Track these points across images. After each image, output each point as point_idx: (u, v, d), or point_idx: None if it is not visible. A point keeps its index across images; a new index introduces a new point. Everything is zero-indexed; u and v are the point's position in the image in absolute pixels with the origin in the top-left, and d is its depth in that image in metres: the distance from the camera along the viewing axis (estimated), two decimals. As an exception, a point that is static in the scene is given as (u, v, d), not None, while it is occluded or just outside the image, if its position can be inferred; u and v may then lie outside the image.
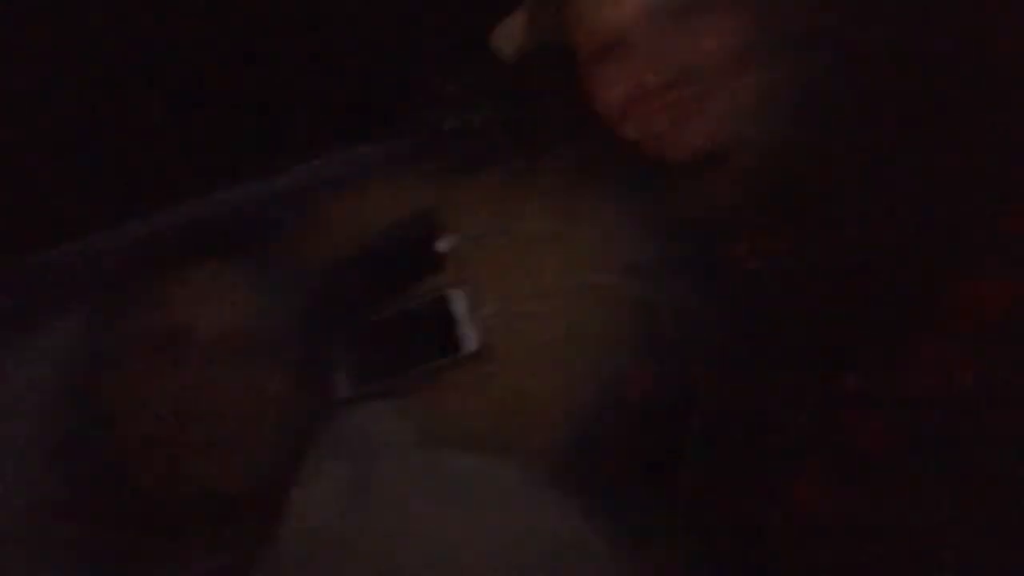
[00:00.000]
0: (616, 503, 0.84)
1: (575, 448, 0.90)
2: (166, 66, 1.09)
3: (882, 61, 0.82)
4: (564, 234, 0.93)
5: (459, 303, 0.92)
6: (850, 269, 0.81)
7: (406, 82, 1.06)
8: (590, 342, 0.92)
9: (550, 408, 0.91)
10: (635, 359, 0.95)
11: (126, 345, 0.85)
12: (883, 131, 0.81)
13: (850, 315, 0.80)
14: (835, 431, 0.78)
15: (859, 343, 0.79)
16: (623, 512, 0.83)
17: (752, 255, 0.89)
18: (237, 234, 0.96)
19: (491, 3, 1.01)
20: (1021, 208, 0.76)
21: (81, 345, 0.88)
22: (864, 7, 0.83)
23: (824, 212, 0.83)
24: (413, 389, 0.93)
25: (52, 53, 1.01)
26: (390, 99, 1.08)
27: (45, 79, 1.01)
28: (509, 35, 0.98)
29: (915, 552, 0.73)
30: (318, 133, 1.12)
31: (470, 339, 0.91)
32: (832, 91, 0.81)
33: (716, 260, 0.91)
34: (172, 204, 1.02)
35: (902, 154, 0.79)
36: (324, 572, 0.79)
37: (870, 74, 0.81)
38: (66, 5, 1.02)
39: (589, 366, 0.92)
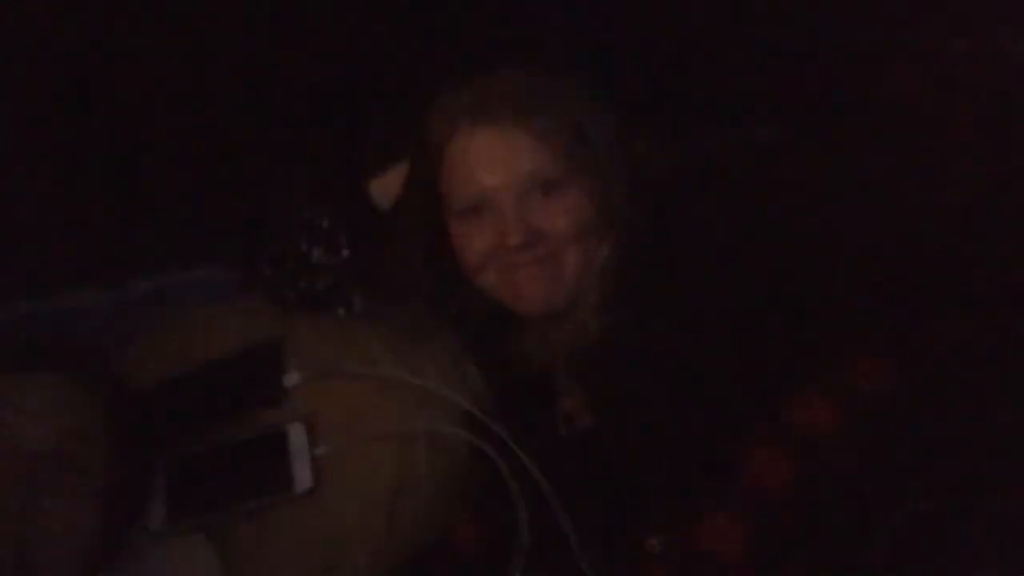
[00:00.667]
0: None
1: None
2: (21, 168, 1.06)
3: (689, 246, 0.92)
4: (405, 380, 0.95)
5: (296, 439, 0.91)
6: (648, 442, 0.88)
7: (269, 211, 1.07)
8: (421, 489, 0.93)
9: (373, 555, 0.91)
10: (466, 510, 0.97)
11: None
12: (690, 307, 0.90)
13: (647, 484, 0.88)
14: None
15: (655, 510, 0.87)
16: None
17: (569, 419, 0.96)
18: (67, 346, 0.91)
19: (369, 151, 1.04)
20: (800, 397, 0.85)
21: None
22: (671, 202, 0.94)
23: (630, 386, 0.91)
24: (233, 525, 0.90)
25: None
26: (250, 225, 1.08)
27: None
28: (386, 187, 1.02)
29: None
30: (168, 249, 1.11)
31: (303, 479, 0.90)
32: (654, 265, 0.92)
33: (544, 419, 0.97)
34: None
35: (706, 330, 0.88)
36: None
37: (682, 254, 0.91)
38: None
39: (419, 513, 0.93)
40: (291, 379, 0.94)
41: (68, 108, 1.07)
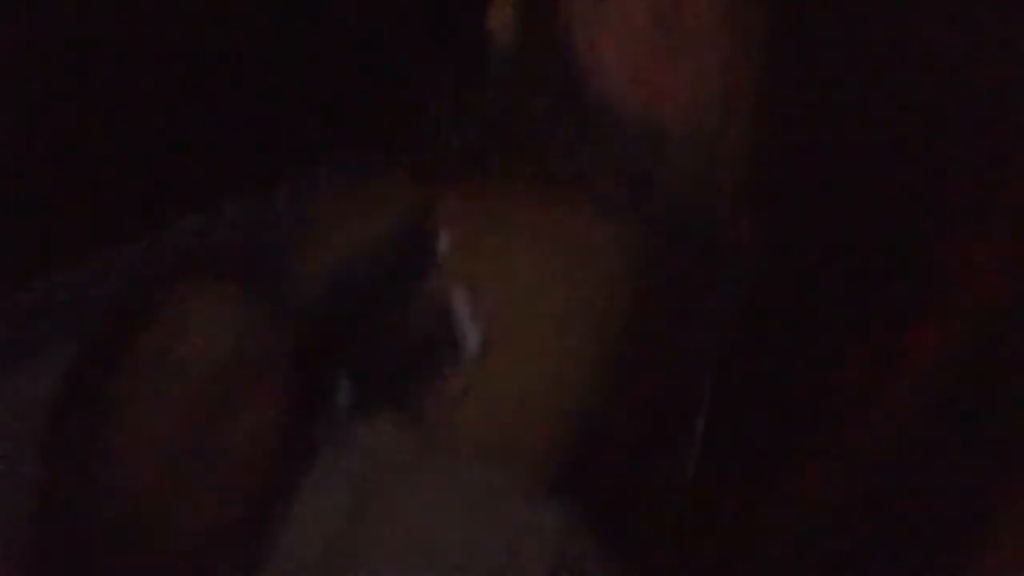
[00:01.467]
0: (622, 504, 0.82)
1: (582, 448, 0.88)
2: (150, 84, 1.08)
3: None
4: (560, 223, 0.91)
5: (459, 305, 0.89)
6: (843, 247, 0.83)
7: (388, 80, 1.04)
8: (595, 334, 0.90)
9: (556, 407, 0.89)
10: (645, 349, 0.93)
11: (117, 375, 0.82)
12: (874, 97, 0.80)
13: (847, 297, 0.82)
14: (841, 421, 0.77)
15: (858, 326, 0.81)
16: (626, 516, 0.81)
17: (748, 229, 0.88)
18: (226, 253, 0.94)
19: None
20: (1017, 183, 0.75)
21: (68, 380, 0.86)
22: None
23: (816, 184, 0.82)
24: (415, 397, 0.89)
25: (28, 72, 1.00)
26: (374, 99, 1.06)
27: (23, 100, 0.99)
28: (503, 18, 0.96)
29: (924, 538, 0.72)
30: (302, 146, 1.10)
31: (472, 341, 0.88)
32: (820, 51, 0.83)
33: (716, 236, 0.90)
34: (157, 227, 1.00)
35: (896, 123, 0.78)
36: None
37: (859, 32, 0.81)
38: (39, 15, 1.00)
39: (596, 360, 0.90)
40: (444, 245, 0.92)
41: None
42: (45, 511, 0.82)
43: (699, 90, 0.86)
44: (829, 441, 0.75)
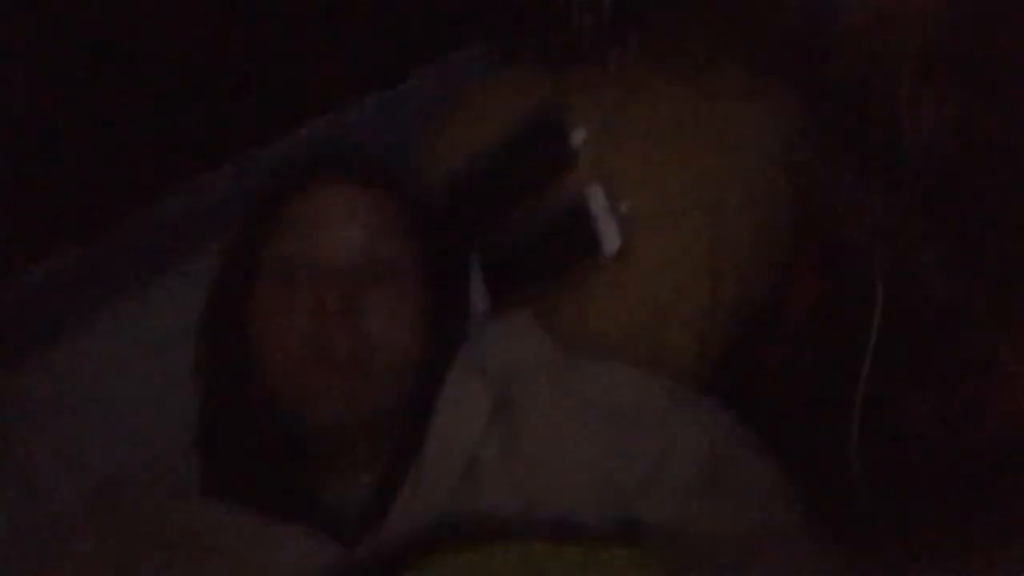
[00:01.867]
0: (769, 416, 0.78)
1: (724, 358, 0.84)
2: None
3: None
4: (706, 118, 0.85)
5: (597, 200, 0.85)
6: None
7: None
8: (743, 240, 0.85)
9: (697, 315, 0.84)
10: (797, 260, 0.87)
11: (260, 275, 0.80)
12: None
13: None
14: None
15: None
16: (777, 427, 0.76)
17: (920, 123, 0.80)
18: (361, 153, 0.90)
19: None
20: None
21: (215, 278, 0.84)
22: None
23: (992, 78, 0.75)
24: (553, 297, 0.87)
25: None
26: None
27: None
28: None
29: None
30: (431, 41, 1.05)
31: (611, 239, 0.84)
32: None
33: (885, 133, 0.81)
34: (290, 129, 0.98)
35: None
36: (469, 494, 0.75)
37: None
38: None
39: (742, 267, 0.85)
40: (578, 137, 0.87)
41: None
42: (209, 412, 0.83)
43: None
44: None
